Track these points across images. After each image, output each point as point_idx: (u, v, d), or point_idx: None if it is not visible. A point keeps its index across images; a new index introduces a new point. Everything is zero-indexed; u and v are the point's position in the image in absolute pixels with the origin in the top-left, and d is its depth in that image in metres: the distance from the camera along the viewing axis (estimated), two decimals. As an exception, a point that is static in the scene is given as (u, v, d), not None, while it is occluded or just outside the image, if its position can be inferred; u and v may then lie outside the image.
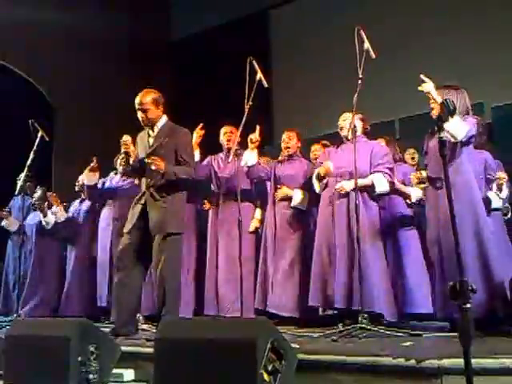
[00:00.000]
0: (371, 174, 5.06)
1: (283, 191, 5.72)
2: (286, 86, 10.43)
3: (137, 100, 4.71)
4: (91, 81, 10.18)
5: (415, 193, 5.51)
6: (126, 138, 4.80)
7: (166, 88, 10.97)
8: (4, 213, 7.57)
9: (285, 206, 5.71)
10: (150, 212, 4.64)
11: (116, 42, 11.08)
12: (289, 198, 5.71)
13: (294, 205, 5.66)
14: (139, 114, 4.74)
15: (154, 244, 4.62)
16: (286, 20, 11.14)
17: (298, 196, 5.67)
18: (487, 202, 5.28)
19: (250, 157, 5.57)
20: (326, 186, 5.20)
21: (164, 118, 4.84)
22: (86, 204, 7.30)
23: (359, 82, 4.66)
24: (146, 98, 4.71)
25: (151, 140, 4.79)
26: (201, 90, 11.10)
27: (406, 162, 6.11)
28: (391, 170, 5.15)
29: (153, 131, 4.80)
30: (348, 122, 5.09)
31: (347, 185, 4.94)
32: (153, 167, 4.54)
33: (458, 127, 4.08)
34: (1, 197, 7.87)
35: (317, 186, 5.26)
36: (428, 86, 4.37)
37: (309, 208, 5.69)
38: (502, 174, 5.34)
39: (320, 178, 5.19)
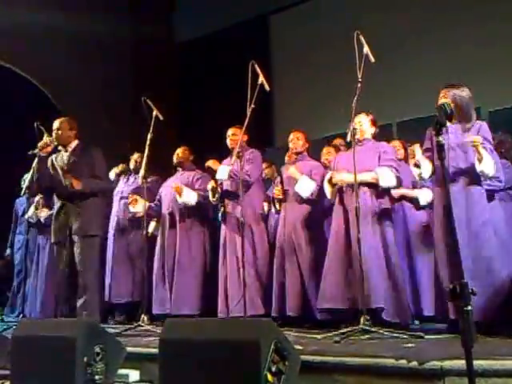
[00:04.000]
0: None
1: (291, 170, 5.70)
2: (287, 90, 10.45)
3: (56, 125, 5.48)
4: (96, 83, 10.19)
5: (424, 196, 5.53)
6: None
7: (168, 90, 11.08)
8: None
9: (295, 208, 5.73)
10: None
11: (119, 45, 11.09)
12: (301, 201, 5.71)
13: (297, 189, 5.63)
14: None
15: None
16: (286, 24, 11.14)
17: (303, 182, 5.63)
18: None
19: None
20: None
21: (76, 141, 5.54)
22: None
23: (358, 85, 4.69)
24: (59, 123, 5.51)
25: (65, 158, 5.46)
26: (203, 92, 11.12)
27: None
28: (397, 166, 5.11)
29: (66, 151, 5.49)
30: (363, 124, 5.14)
31: (346, 176, 4.93)
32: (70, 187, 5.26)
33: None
34: (5, 197, 7.90)
35: (328, 192, 5.25)
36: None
37: (319, 208, 5.73)
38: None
39: (332, 184, 5.20)
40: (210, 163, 6.12)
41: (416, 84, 8.60)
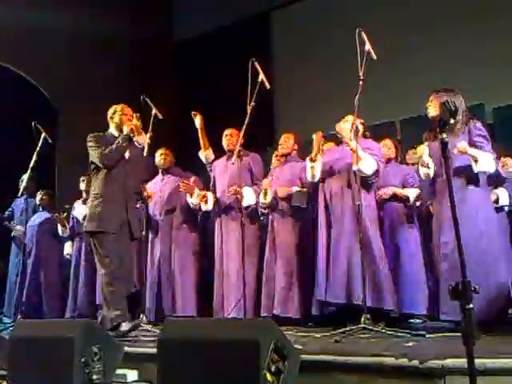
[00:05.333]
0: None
1: (283, 189, 5.72)
2: (288, 88, 10.43)
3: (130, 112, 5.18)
4: (93, 82, 10.18)
5: (413, 193, 5.59)
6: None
7: (167, 89, 11.07)
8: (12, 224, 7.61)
9: (284, 209, 5.71)
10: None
11: (118, 44, 11.07)
12: (288, 198, 5.71)
13: (294, 203, 5.65)
14: (138, 122, 5.08)
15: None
16: (287, 21, 11.13)
17: (297, 194, 5.65)
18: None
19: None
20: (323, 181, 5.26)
21: None
22: None
23: (360, 82, 4.67)
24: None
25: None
26: (203, 91, 11.09)
27: (407, 164, 6.13)
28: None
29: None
30: (349, 124, 5.12)
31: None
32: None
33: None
34: (3, 197, 7.88)
35: (309, 171, 5.26)
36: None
37: (307, 208, 5.70)
38: None
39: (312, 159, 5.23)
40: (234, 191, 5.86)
41: (419, 81, 8.54)
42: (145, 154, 5.56)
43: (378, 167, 5.02)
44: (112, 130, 5.19)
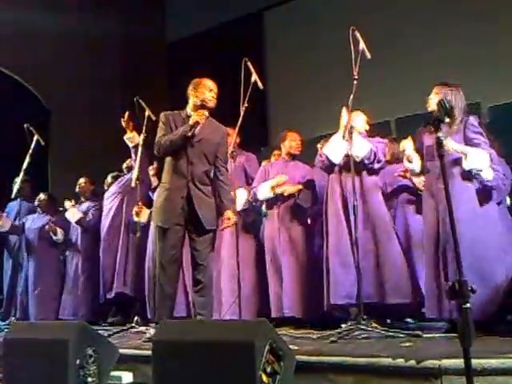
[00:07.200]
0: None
1: (292, 187, 5.67)
2: (282, 88, 10.43)
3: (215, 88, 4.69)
4: (87, 83, 10.16)
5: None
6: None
7: (161, 89, 11.05)
8: None
9: (287, 207, 5.69)
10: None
11: (111, 44, 11.06)
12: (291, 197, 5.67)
13: (299, 202, 5.60)
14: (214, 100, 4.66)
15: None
16: (280, 21, 11.14)
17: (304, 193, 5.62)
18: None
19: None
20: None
21: None
22: (85, 205, 7.27)
23: (354, 82, 4.63)
24: None
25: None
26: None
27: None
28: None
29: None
30: (358, 120, 5.09)
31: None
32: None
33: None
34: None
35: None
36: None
37: (311, 206, 5.68)
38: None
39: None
40: None
41: (414, 80, 8.56)
42: (139, 155, 5.52)
43: (376, 150, 4.94)
44: (188, 106, 4.71)
